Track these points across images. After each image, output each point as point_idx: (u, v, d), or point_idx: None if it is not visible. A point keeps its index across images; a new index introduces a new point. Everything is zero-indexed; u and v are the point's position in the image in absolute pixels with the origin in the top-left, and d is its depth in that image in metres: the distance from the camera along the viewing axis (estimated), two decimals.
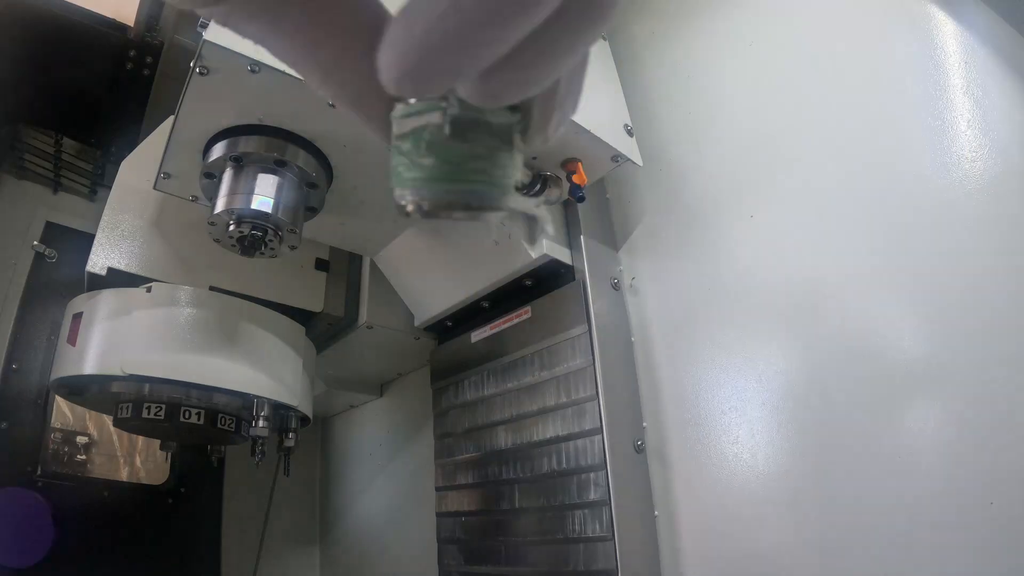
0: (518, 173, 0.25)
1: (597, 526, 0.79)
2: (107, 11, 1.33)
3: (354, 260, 1.26)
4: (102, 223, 0.97)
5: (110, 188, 1.01)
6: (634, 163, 0.86)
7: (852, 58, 0.77)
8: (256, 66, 0.68)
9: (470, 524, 1.00)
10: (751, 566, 0.72)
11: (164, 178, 0.85)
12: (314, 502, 1.76)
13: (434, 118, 0.24)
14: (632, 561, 0.76)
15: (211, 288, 1.00)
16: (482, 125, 0.24)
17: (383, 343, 1.26)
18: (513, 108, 0.25)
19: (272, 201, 0.77)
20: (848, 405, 0.67)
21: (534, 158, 0.83)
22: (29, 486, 1.27)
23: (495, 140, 0.25)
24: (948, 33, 0.70)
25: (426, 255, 1.07)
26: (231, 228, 0.77)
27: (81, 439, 1.45)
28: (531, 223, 0.28)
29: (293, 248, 0.82)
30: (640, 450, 0.85)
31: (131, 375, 0.88)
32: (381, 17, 0.23)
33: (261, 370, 0.97)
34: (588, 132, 0.78)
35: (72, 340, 0.91)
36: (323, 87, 0.25)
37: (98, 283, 0.94)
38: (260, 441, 1.05)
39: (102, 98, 1.47)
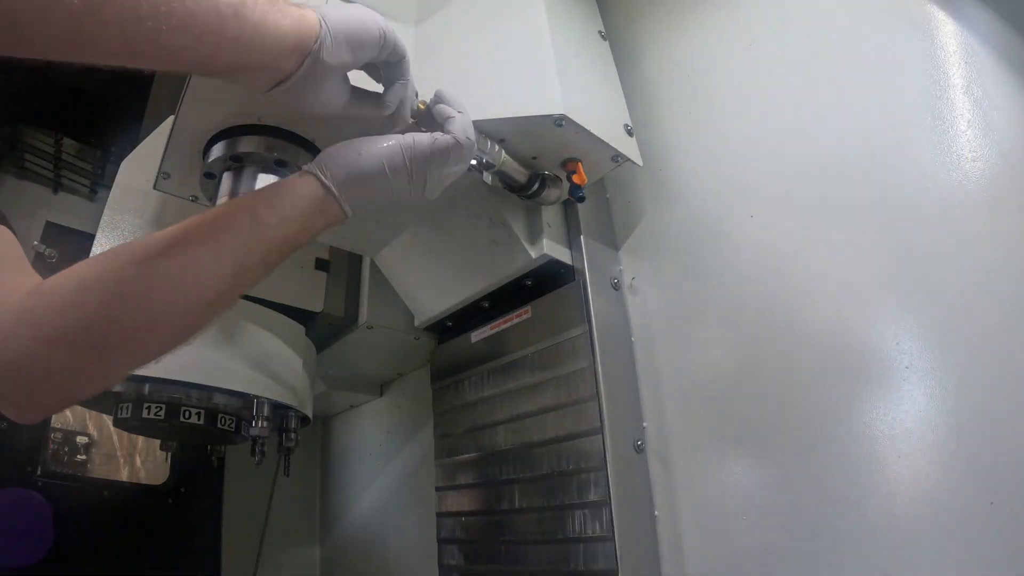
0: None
1: (597, 526, 0.79)
2: None
3: (354, 260, 1.25)
4: (102, 223, 0.97)
5: (110, 188, 1.01)
6: (634, 163, 0.86)
7: (852, 58, 0.77)
8: None
9: (470, 524, 1.00)
10: (752, 566, 0.72)
11: (164, 178, 0.85)
12: (314, 502, 1.76)
13: None
14: (632, 561, 0.76)
15: None
16: None
17: (383, 343, 1.26)
18: None
19: None
20: (847, 405, 0.67)
21: (534, 158, 0.83)
22: (29, 486, 1.27)
23: None
24: (948, 33, 0.70)
25: (426, 255, 1.07)
26: None
27: (81, 439, 1.45)
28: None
29: None
30: (640, 450, 0.85)
31: (131, 375, 0.88)
32: None
33: (261, 370, 0.97)
34: (588, 132, 0.78)
35: None
36: None
37: None
38: (260, 441, 1.06)
39: (102, 97, 1.47)
